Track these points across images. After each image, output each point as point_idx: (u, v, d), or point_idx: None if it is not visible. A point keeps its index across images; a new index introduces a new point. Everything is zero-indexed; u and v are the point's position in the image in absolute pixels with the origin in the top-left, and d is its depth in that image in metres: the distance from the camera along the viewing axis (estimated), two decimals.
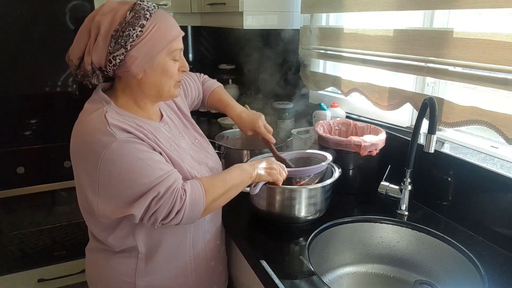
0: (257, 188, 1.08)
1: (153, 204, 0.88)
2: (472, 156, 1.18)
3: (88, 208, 0.96)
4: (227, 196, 1.01)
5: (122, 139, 0.87)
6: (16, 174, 2.01)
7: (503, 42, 1.00)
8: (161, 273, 1.04)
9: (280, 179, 1.10)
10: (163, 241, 1.02)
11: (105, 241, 1.00)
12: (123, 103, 0.97)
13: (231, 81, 2.46)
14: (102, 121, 0.88)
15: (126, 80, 0.96)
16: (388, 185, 1.25)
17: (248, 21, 1.74)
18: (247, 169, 1.05)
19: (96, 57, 0.89)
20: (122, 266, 1.02)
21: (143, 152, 0.89)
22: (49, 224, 2.17)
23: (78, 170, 0.93)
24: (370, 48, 1.42)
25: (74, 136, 0.93)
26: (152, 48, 0.90)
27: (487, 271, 0.98)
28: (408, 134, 1.28)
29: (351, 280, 1.20)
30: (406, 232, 1.19)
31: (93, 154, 0.87)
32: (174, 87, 1.00)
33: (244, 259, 1.11)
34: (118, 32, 0.87)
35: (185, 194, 0.91)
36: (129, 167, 0.87)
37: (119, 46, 0.87)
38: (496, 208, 1.09)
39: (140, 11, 0.89)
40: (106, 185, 0.88)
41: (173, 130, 1.08)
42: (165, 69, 0.94)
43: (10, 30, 1.91)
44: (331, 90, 1.83)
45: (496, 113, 1.06)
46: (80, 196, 0.98)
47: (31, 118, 2.19)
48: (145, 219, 0.90)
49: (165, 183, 0.88)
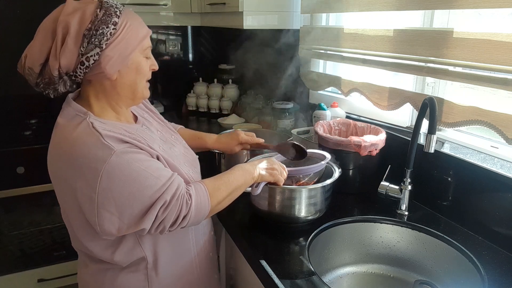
0: (259, 189, 1.08)
1: (160, 213, 0.85)
2: (472, 156, 1.18)
3: (85, 230, 0.90)
4: (231, 198, 1.00)
5: (120, 151, 0.82)
6: (16, 174, 2.01)
7: (503, 42, 1.00)
8: (172, 277, 1.02)
9: (282, 179, 1.10)
10: (168, 245, 1.00)
11: (110, 260, 0.94)
12: (99, 111, 0.91)
13: (231, 81, 2.46)
14: (94, 134, 0.82)
15: (97, 84, 0.90)
16: (388, 185, 1.25)
17: (248, 21, 1.74)
18: (250, 170, 1.05)
19: (65, 61, 0.81)
20: (133, 280, 0.98)
21: (143, 162, 0.85)
22: (49, 224, 2.17)
23: (69, 193, 0.86)
24: (370, 48, 1.42)
25: (60, 156, 0.86)
26: (126, 46, 0.86)
27: (487, 271, 0.98)
28: (408, 134, 1.28)
29: (351, 280, 1.20)
30: (406, 232, 1.19)
31: (90, 172, 0.81)
32: (145, 86, 0.96)
33: (244, 259, 1.11)
34: (91, 30, 0.81)
35: (191, 199, 0.89)
36: (131, 180, 0.82)
37: (93, 46, 0.82)
38: (496, 208, 1.09)
39: (110, 8, 0.84)
40: (108, 202, 0.82)
41: (152, 129, 1.04)
42: (139, 68, 0.91)
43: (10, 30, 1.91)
44: (331, 90, 1.83)
45: (496, 113, 1.06)
46: (76, 219, 0.90)
47: (31, 118, 2.19)
48: (153, 229, 0.87)
49: (170, 190, 0.86)
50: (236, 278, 1.30)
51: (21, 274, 2.15)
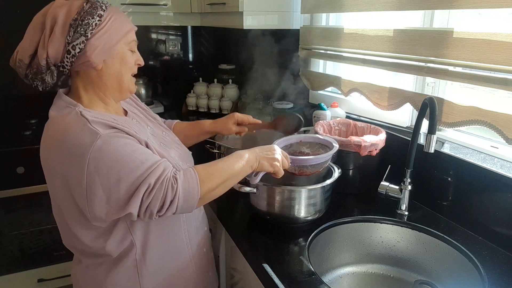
0: (258, 178, 1.03)
1: (145, 197, 0.85)
2: (472, 156, 1.18)
3: (77, 219, 0.92)
4: (225, 185, 0.96)
5: (106, 135, 0.84)
6: (16, 174, 2.01)
7: (503, 42, 1.00)
8: (162, 270, 1.02)
9: (281, 172, 1.06)
10: (159, 235, 1.00)
11: (102, 250, 0.95)
12: (88, 102, 0.94)
13: (231, 81, 2.46)
14: (82, 121, 0.85)
15: (85, 76, 0.94)
16: (388, 185, 1.25)
17: (248, 21, 1.74)
18: (249, 158, 1.00)
19: (52, 50, 0.86)
20: (124, 274, 0.99)
21: (129, 146, 0.86)
22: (49, 224, 2.17)
23: (61, 181, 0.88)
24: (370, 48, 1.42)
25: (51, 146, 0.89)
26: (111, 37, 0.91)
27: (487, 271, 0.98)
28: (408, 134, 1.28)
29: (351, 280, 1.20)
30: (406, 232, 1.19)
31: (78, 158, 0.83)
32: (131, 80, 1.00)
33: (244, 259, 1.11)
34: (77, 21, 0.86)
35: (176, 183, 0.87)
36: (116, 164, 0.84)
37: (78, 35, 0.86)
38: (496, 208, 1.09)
39: (95, 3, 0.90)
40: (96, 187, 0.84)
41: (142, 123, 1.06)
42: (124, 59, 0.95)
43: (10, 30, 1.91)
44: (331, 90, 1.83)
45: (496, 113, 1.06)
46: (68, 208, 0.92)
47: (31, 118, 2.19)
48: (141, 214, 0.87)
49: (154, 174, 0.85)
50: (236, 278, 1.30)
51: (21, 274, 2.15)
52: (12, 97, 2.07)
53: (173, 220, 1.03)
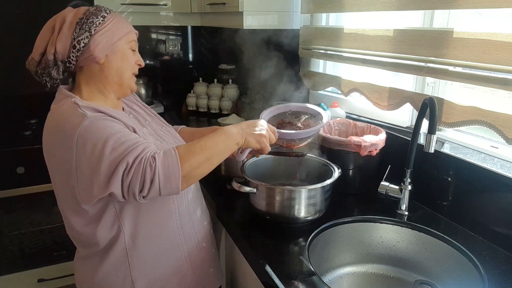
0: (244, 155, 1.01)
1: (125, 176, 0.86)
2: (472, 156, 1.18)
3: (69, 204, 0.97)
4: (210, 163, 0.94)
5: (93, 116, 0.90)
6: (16, 174, 2.01)
7: (503, 42, 1.00)
8: (154, 261, 1.03)
9: (268, 148, 1.04)
10: (148, 223, 1.01)
11: (93, 237, 0.98)
12: (87, 95, 1.01)
13: (231, 81, 2.46)
14: (73, 107, 0.92)
15: (88, 70, 1.01)
16: (388, 185, 1.25)
17: (248, 21, 1.74)
18: (233, 135, 0.98)
19: (60, 45, 0.95)
20: (115, 263, 1.01)
21: (114, 127, 0.91)
22: (49, 224, 2.17)
23: (56, 165, 0.95)
24: (370, 48, 1.42)
25: (48, 132, 0.96)
26: (113, 35, 0.99)
27: (487, 271, 0.98)
28: (408, 134, 1.28)
29: (351, 280, 1.20)
30: (406, 232, 1.19)
31: (69, 138, 0.89)
32: (132, 78, 1.06)
33: (244, 259, 1.11)
34: (83, 19, 0.97)
35: (155, 162, 0.87)
36: (99, 143, 0.87)
37: (83, 31, 0.96)
38: (496, 208, 1.09)
39: (100, 7, 1.02)
40: (84, 166, 0.88)
41: (139, 118, 1.13)
42: (124, 55, 1.02)
43: (10, 30, 1.91)
44: (331, 90, 1.83)
45: (496, 113, 1.06)
46: (62, 192, 0.98)
47: (31, 118, 2.19)
48: (125, 194, 0.87)
49: (133, 153, 0.86)
50: (236, 278, 1.30)
51: (21, 274, 2.15)
52: (12, 97, 2.07)
53: (162, 211, 1.03)
